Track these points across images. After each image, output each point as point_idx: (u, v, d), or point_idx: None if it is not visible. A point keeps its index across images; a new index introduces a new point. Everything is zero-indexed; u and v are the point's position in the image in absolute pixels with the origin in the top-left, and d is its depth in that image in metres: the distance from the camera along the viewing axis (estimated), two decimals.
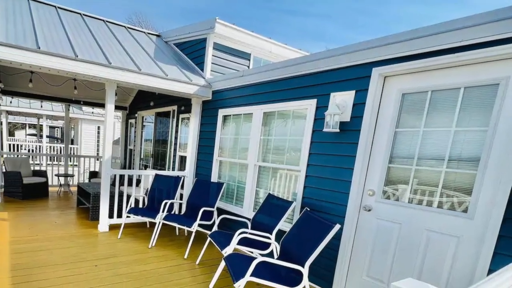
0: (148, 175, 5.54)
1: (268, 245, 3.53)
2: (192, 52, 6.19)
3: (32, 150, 16.49)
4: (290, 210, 3.61)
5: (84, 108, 15.06)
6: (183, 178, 5.37)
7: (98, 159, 9.61)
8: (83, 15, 6.06)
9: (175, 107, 6.55)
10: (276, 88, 4.21)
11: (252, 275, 2.60)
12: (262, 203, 4.07)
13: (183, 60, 6.19)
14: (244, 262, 2.80)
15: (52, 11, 5.60)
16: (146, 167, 7.99)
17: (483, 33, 2.33)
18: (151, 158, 7.72)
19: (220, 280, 3.21)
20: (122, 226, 4.87)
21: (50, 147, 15.80)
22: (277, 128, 4.31)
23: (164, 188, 5.18)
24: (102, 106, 8.02)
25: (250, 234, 3.44)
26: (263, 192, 4.48)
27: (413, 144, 2.84)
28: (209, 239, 3.81)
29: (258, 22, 42.89)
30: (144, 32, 6.91)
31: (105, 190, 4.84)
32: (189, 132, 5.74)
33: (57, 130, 22.73)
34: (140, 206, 5.42)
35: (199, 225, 4.35)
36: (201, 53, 5.88)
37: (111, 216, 5.05)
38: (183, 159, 6.20)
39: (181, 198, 5.63)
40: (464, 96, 2.53)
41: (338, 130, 3.29)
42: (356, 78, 3.23)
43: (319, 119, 3.61)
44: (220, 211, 4.85)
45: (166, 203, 4.66)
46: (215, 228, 4.29)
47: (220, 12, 40.09)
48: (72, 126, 17.66)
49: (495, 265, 2.26)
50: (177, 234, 5.19)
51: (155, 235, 4.53)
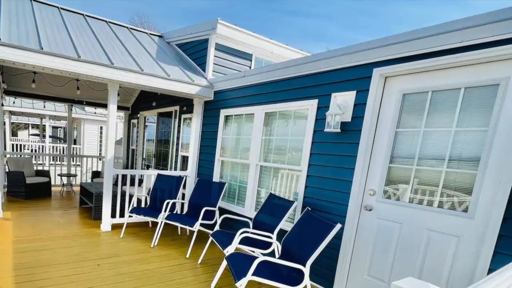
0: (150, 175, 5.55)
1: (269, 244, 3.55)
2: (194, 52, 6.21)
3: (35, 150, 16.54)
4: (292, 209, 3.62)
5: (87, 108, 15.11)
6: (185, 178, 5.39)
7: (100, 159, 9.64)
8: (86, 16, 6.07)
9: (177, 107, 6.58)
10: (277, 88, 4.23)
11: (253, 274, 2.61)
12: (264, 203, 4.09)
13: (185, 61, 6.21)
14: (246, 262, 2.81)
15: (55, 12, 5.61)
16: (148, 167, 8.01)
17: (483, 33, 2.34)
18: (153, 158, 7.74)
19: (222, 279, 3.23)
20: (125, 226, 4.89)
21: (53, 147, 15.85)
22: (278, 128, 4.33)
23: (166, 187, 5.20)
24: (104, 106, 8.07)
25: (252, 233, 3.46)
26: (264, 192, 4.50)
27: (413, 144, 2.85)
28: (211, 238, 3.82)
29: (259, 22, 42.95)
30: (146, 33, 6.92)
31: (107, 190, 4.86)
32: (191, 132, 5.77)
33: (60, 130, 22.80)
34: (143, 205, 5.45)
35: (201, 224, 4.37)
36: (203, 53, 5.90)
37: (113, 215, 5.08)
38: (185, 159, 6.22)
39: (183, 198, 5.65)
40: (465, 96, 2.54)
41: (339, 130, 3.31)
42: (357, 78, 3.25)
43: (320, 119, 3.62)
44: (222, 211, 4.87)
45: (168, 203, 4.68)
46: (217, 227, 4.30)
47: (222, 12, 40.17)
48: (74, 126, 17.73)
49: (495, 264, 2.28)
50: (179, 233, 5.20)
51: (157, 234, 4.55)
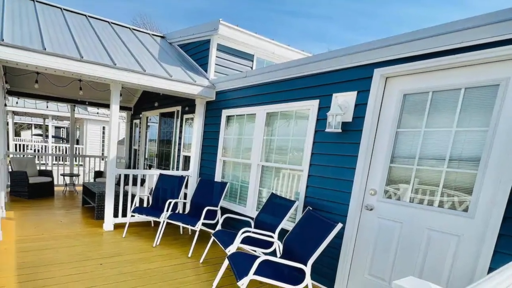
0: (153, 175, 5.58)
1: (271, 244, 3.57)
2: (196, 53, 6.23)
3: (38, 150, 16.63)
4: (293, 209, 3.64)
5: (90, 108, 15.17)
6: (187, 177, 5.41)
7: (103, 159, 9.71)
8: (88, 16, 6.10)
9: (179, 108, 6.60)
10: (279, 89, 4.25)
11: (255, 273, 2.62)
12: (265, 203, 4.11)
13: (187, 61, 6.23)
14: (248, 261, 2.83)
15: (58, 13, 5.64)
16: (150, 167, 8.04)
17: (483, 34, 2.35)
18: (155, 158, 7.77)
19: (223, 278, 3.24)
20: (127, 225, 4.92)
21: (56, 147, 15.92)
22: (280, 129, 4.35)
23: (168, 187, 5.23)
24: (107, 106, 8.08)
25: (253, 233, 3.48)
26: (266, 192, 4.52)
27: (414, 144, 2.86)
28: (212, 238, 3.83)
29: (260, 23, 42.96)
30: (148, 34, 6.95)
31: (110, 190, 4.88)
32: (193, 132, 5.79)
33: (62, 130, 22.91)
34: (145, 205, 5.47)
35: (203, 224, 4.40)
36: (204, 54, 5.93)
37: (116, 215, 5.11)
38: (187, 159, 6.25)
39: (185, 198, 5.68)
40: (465, 96, 2.55)
41: (340, 130, 3.32)
42: (358, 79, 3.26)
43: (321, 120, 3.64)
44: (224, 210, 4.90)
45: (170, 203, 4.70)
46: (218, 227, 4.32)
47: (223, 13, 40.18)
48: (77, 127, 17.79)
49: (495, 263, 2.29)
50: (181, 233, 5.23)
51: (160, 234, 4.57)
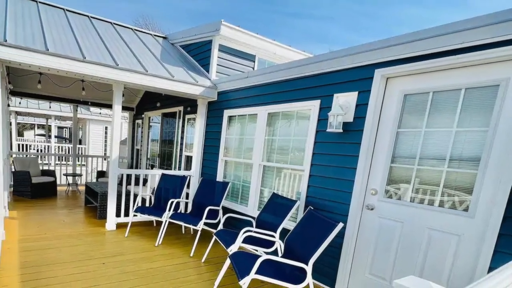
0: (155, 175, 5.61)
1: (272, 243, 3.59)
2: (198, 53, 6.26)
3: (41, 150, 16.68)
4: (294, 209, 3.66)
5: (92, 109, 15.22)
6: (189, 177, 5.44)
7: (105, 159, 9.74)
8: (91, 17, 6.12)
9: (181, 108, 6.63)
10: (280, 89, 4.27)
11: (257, 272, 2.64)
12: (267, 202, 4.13)
13: (189, 62, 6.26)
14: (249, 260, 2.85)
15: (61, 14, 5.67)
16: (152, 167, 8.07)
17: (483, 35, 2.36)
18: (157, 158, 7.80)
19: (225, 277, 3.26)
20: (129, 225, 4.94)
21: (59, 147, 16.00)
22: (281, 129, 4.36)
23: (171, 187, 5.25)
24: (109, 107, 8.12)
25: (255, 232, 3.50)
26: (267, 191, 4.54)
27: (415, 144, 2.88)
28: (214, 237, 3.85)
29: (262, 24, 43.04)
30: (150, 34, 6.98)
31: (112, 189, 4.91)
32: (195, 133, 5.81)
33: (65, 130, 22.97)
34: (147, 205, 5.49)
35: (205, 223, 4.42)
36: (206, 54, 5.95)
37: (118, 215, 5.14)
38: (189, 159, 6.27)
39: (187, 197, 5.70)
40: (465, 97, 2.57)
41: (341, 131, 3.34)
42: (359, 79, 3.28)
43: (322, 120, 3.65)
44: (226, 210, 4.92)
45: (172, 202, 4.72)
46: (220, 226, 4.33)
47: (225, 14, 40.27)
48: (80, 127, 17.85)
49: (496, 263, 2.30)
50: (183, 232, 5.25)
51: (162, 233, 4.60)
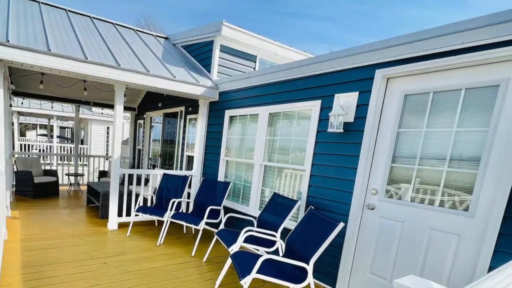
0: (156, 175, 5.62)
1: (273, 243, 3.60)
2: (199, 54, 6.28)
3: (43, 150, 16.73)
4: (295, 208, 3.67)
5: (94, 109, 15.24)
6: (190, 177, 5.45)
7: (107, 159, 9.77)
8: (93, 18, 6.15)
9: (182, 108, 6.65)
10: (281, 89, 4.28)
11: (258, 272, 2.65)
12: (268, 202, 4.14)
13: (191, 62, 6.28)
14: (250, 260, 2.86)
15: (63, 14, 5.69)
16: (154, 167, 8.09)
17: (483, 35, 2.37)
18: (159, 158, 7.82)
19: (226, 277, 3.28)
20: (131, 224, 4.96)
21: (61, 147, 16.02)
22: (282, 129, 4.38)
23: (172, 187, 5.27)
24: (111, 107, 8.17)
25: (256, 232, 3.51)
26: (268, 191, 4.55)
27: (415, 144, 2.89)
28: (216, 237, 3.87)
29: (263, 24, 43.05)
30: (152, 35, 7.00)
31: (114, 189, 4.93)
32: (196, 133, 5.84)
33: (67, 130, 23.02)
34: (149, 204, 5.52)
35: (206, 223, 4.43)
36: (208, 55, 5.97)
37: (120, 214, 5.16)
38: (190, 159, 6.29)
39: (188, 197, 5.72)
40: (465, 97, 2.57)
41: (342, 131, 3.35)
42: (359, 79, 3.29)
43: (323, 120, 3.66)
44: (227, 210, 4.93)
45: (174, 202, 4.75)
46: (221, 226, 4.35)
47: (226, 15, 40.31)
48: (82, 127, 17.93)
49: (496, 262, 2.31)
50: (184, 232, 5.27)
51: (163, 233, 4.61)
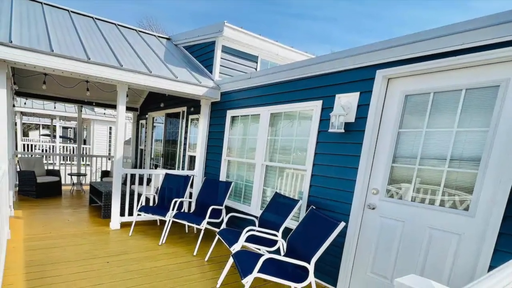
0: (159, 174, 5.65)
1: (275, 242, 3.62)
2: (201, 54, 6.30)
3: (46, 150, 16.78)
4: (296, 208, 3.69)
5: (96, 109, 15.31)
6: (192, 177, 5.47)
7: (109, 159, 9.82)
8: (95, 19, 6.18)
9: (184, 108, 6.68)
10: (282, 89, 4.30)
11: (259, 271, 2.67)
12: (269, 202, 4.16)
13: (193, 63, 6.30)
14: (252, 259, 2.89)
15: (65, 15, 5.72)
16: (156, 167, 8.12)
17: (484, 36, 2.38)
18: (161, 158, 7.85)
19: (228, 276, 3.31)
20: (133, 224, 4.99)
21: (63, 147, 16.07)
22: (283, 129, 4.39)
23: (174, 187, 5.29)
24: (113, 107, 8.19)
25: (258, 231, 3.53)
26: (270, 191, 4.57)
27: (416, 144, 2.90)
28: (217, 236, 3.89)
29: (265, 25, 43.03)
30: (154, 36, 7.03)
31: (116, 189, 4.95)
32: (198, 133, 5.86)
33: (70, 130, 23.09)
34: (151, 204, 5.55)
35: (208, 223, 4.45)
36: (210, 55, 5.99)
37: (122, 214, 5.18)
38: (192, 159, 6.32)
39: (190, 197, 5.75)
40: (465, 97, 2.59)
41: (343, 131, 3.37)
42: (360, 80, 3.30)
43: (324, 120, 3.68)
44: (228, 209, 4.95)
45: (176, 202, 4.77)
46: (223, 225, 4.37)
47: (228, 15, 40.36)
48: (84, 127, 17.98)
49: (496, 261, 2.32)
50: (186, 231, 5.29)
51: (165, 232, 4.64)
